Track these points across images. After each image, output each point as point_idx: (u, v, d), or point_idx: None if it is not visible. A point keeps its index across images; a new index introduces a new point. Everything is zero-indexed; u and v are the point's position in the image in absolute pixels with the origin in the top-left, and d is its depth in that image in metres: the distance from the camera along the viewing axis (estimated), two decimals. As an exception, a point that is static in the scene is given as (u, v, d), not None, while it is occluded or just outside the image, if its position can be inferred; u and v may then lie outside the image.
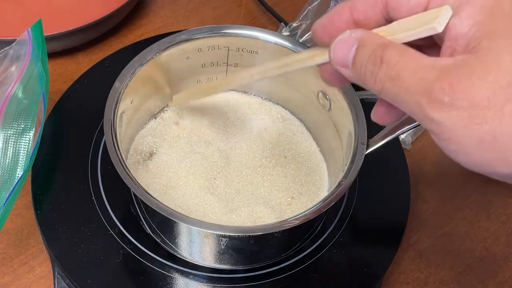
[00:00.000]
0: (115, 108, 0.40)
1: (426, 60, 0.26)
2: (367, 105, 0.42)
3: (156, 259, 0.42)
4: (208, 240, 0.38)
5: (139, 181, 0.37)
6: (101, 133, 0.49)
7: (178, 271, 0.42)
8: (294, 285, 0.42)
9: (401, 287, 0.47)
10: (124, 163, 0.38)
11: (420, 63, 0.25)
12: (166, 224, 0.39)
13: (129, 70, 0.42)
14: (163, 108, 0.49)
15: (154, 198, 0.36)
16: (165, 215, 0.35)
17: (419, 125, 0.40)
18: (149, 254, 0.42)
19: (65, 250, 0.42)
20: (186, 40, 0.45)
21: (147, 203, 0.36)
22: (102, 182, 0.46)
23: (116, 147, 0.38)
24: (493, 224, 0.51)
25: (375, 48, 0.27)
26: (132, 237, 0.43)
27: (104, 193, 0.45)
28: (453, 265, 0.48)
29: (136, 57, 0.43)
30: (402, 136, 0.55)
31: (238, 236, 0.37)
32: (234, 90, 0.51)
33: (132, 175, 0.37)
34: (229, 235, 0.37)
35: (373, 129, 0.40)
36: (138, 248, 0.43)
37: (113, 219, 0.44)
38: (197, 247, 0.40)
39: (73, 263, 0.41)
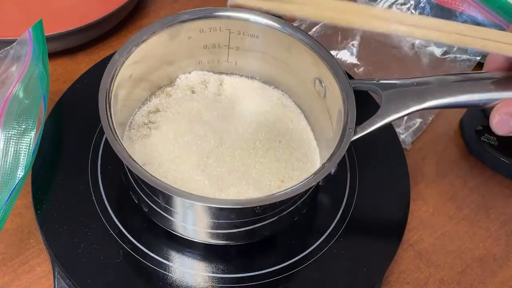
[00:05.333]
0: (112, 79, 0.41)
1: None
2: (359, 93, 0.43)
3: (156, 259, 0.42)
4: (203, 212, 0.39)
5: (135, 156, 0.38)
6: (101, 133, 0.49)
7: (178, 271, 0.42)
8: (294, 285, 0.42)
9: (401, 287, 0.47)
10: (114, 129, 0.38)
11: None
12: (156, 194, 0.40)
13: (129, 45, 0.43)
14: (164, 85, 0.49)
15: (141, 166, 0.37)
16: (148, 182, 0.36)
17: (408, 114, 0.41)
18: (149, 254, 0.42)
19: (65, 250, 0.42)
20: (188, 20, 0.45)
21: (134, 172, 0.37)
22: (102, 182, 0.46)
23: (109, 115, 0.39)
24: (493, 224, 0.51)
25: None
26: (132, 237, 0.43)
27: (104, 193, 0.45)
28: (453, 265, 0.48)
29: (138, 33, 0.44)
30: (402, 136, 0.55)
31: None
32: (237, 74, 0.51)
33: (121, 142, 0.38)
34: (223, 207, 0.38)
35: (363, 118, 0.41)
36: (138, 248, 0.43)
37: (113, 219, 0.44)
38: (191, 218, 0.41)
39: (73, 263, 0.41)
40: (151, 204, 0.41)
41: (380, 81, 0.43)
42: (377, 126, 0.40)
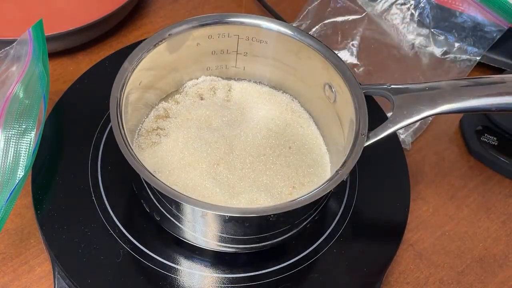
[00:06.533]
0: (122, 87, 0.41)
1: None
2: (370, 98, 0.43)
3: (156, 259, 0.42)
4: (216, 220, 0.39)
5: (145, 164, 0.37)
6: (101, 133, 0.49)
7: (178, 270, 0.42)
8: (294, 285, 0.42)
9: (401, 287, 0.47)
10: (126, 138, 0.38)
11: None
12: (169, 202, 0.39)
13: (139, 52, 0.43)
14: (172, 92, 0.49)
15: (153, 175, 0.37)
16: (162, 191, 0.36)
17: (420, 120, 0.41)
18: (149, 254, 0.42)
19: (65, 250, 0.42)
20: (197, 26, 0.45)
21: (147, 180, 0.36)
22: (102, 182, 0.46)
23: (121, 125, 0.39)
24: (493, 224, 0.51)
25: None
26: (132, 237, 0.43)
27: (104, 193, 0.45)
28: (453, 265, 0.48)
29: (147, 40, 0.44)
30: (402, 136, 0.55)
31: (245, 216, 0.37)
32: (245, 80, 0.51)
33: (132, 151, 0.37)
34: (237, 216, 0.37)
35: (375, 124, 0.41)
36: (138, 248, 0.43)
37: (113, 219, 0.44)
38: (205, 226, 0.40)
39: (73, 263, 0.41)
40: (164, 212, 0.41)
41: (392, 86, 0.43)
42: (390, 131, 0.40)
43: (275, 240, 0.42)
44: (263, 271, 0.43)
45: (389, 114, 0.43)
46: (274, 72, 0.50)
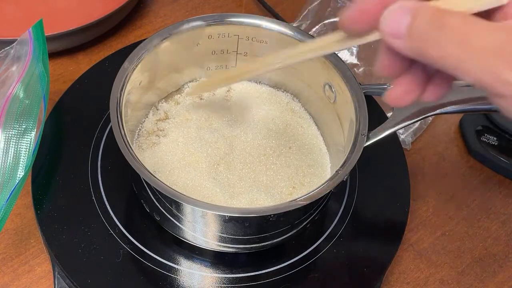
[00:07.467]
0: (122, 87, 0.41)
1: (492, 23, 0.24)
2: (370, 98, 0.43)
3: (156, 259, 0.42)
4: (216, 220, 0.39)
5: (145, 164, 0.37)
6: (101, 133, 0.49)
7: (178, 270, 0.42)
8: (294, 285, 0.42)
9: (401, 287, 0.47)
10: (127, 138, 0.38)
11: (488, 26, 0.24)
12: (169, 202, 0.39)
13: (139, 52, 0.43)
14: (172, 92, 0.50)
15: (154, 175, 0.37)
16: (163, 191, 0.36)
17: (420, 120, 0.41)
18: (149, 254, 0.42)
19: (65, 250, 0.42)
20: (197, 26, 0.45)
21: (147, 180, 0.36)
22: (102, 182, 0.46)
23: (121, 125, 0.39)
24: (493, 224, 0.51)
25: (434, 13, 0.25)
26: (132, 237, 0.43)
27: (104, 193, 0.45)
28: (453, 265, 0.48)
29: (147, 40, 0.44)
30: (402, 136, 0.55)
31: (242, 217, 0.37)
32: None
33: (132, 151, 0.37)
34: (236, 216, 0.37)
35: (375, 124, 0.41)
36: (138, 248, 0.43)
37: (113, 219, 0.44)
38: (204, 226, 0.40)
39: (73, 263, 0.41)
40: (164, 212, 0.41)
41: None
42: (390, 131, 0.40)
43: (275, 240, 0.42)
44: (263, 271, 0.43)
45: (389, 114, 0.43)
46: (274, 72, 0.50)
